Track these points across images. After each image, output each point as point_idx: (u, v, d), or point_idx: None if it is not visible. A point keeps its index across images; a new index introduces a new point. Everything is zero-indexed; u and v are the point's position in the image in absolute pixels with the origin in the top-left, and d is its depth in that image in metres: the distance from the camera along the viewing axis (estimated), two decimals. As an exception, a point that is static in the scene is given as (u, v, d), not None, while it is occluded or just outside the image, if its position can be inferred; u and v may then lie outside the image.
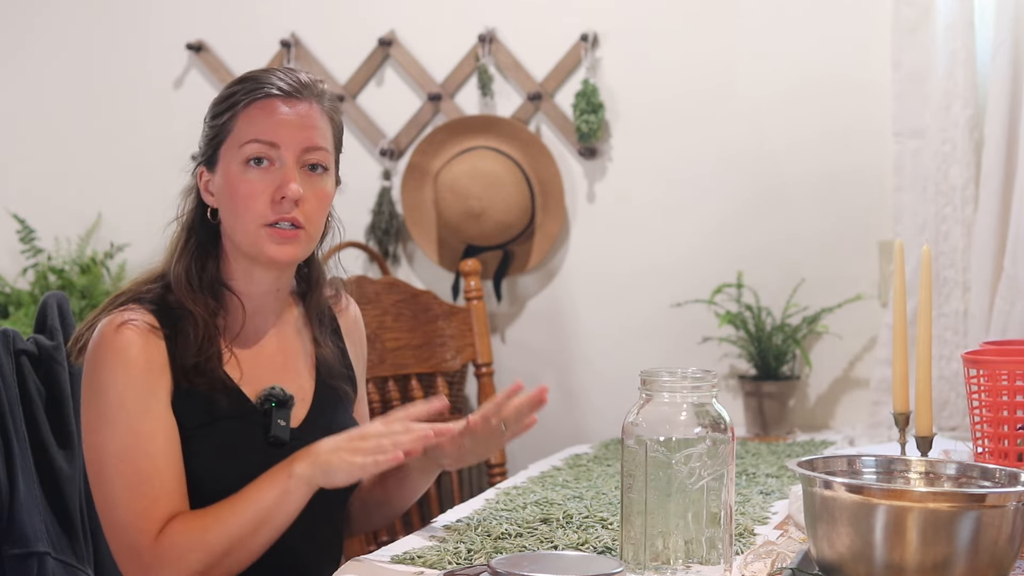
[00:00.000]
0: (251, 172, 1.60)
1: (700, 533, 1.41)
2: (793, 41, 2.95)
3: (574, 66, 3.09)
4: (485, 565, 1.44)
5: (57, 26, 3.46)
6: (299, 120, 1.62)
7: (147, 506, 1.53)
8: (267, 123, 1.60)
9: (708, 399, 1.44)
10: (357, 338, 1.87)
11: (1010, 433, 1.68)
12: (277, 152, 1.60)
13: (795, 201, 2.95)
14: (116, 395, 1.55)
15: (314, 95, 1.64)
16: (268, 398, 1.63)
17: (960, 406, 2.67)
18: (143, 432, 1.54)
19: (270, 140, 1.60)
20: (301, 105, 1.62)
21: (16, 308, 3.23)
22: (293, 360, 1.71)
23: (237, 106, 1.62)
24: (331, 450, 1.54)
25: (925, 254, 1.76)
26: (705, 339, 2.98)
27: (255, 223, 1.60)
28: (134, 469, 1.53)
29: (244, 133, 1.61)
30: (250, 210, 1.60)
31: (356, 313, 1.89)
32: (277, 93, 1.61)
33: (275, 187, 1.60)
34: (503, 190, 3.02)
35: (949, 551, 1.26)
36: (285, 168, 1.60)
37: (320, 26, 3.27)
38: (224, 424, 1.60)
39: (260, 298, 1.68)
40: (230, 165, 1.61)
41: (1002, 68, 2.66)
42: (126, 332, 1.56)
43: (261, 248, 1.61)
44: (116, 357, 1.56)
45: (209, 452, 1.59)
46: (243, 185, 1.60)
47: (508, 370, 3.15)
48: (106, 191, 3.39)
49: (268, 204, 1.59)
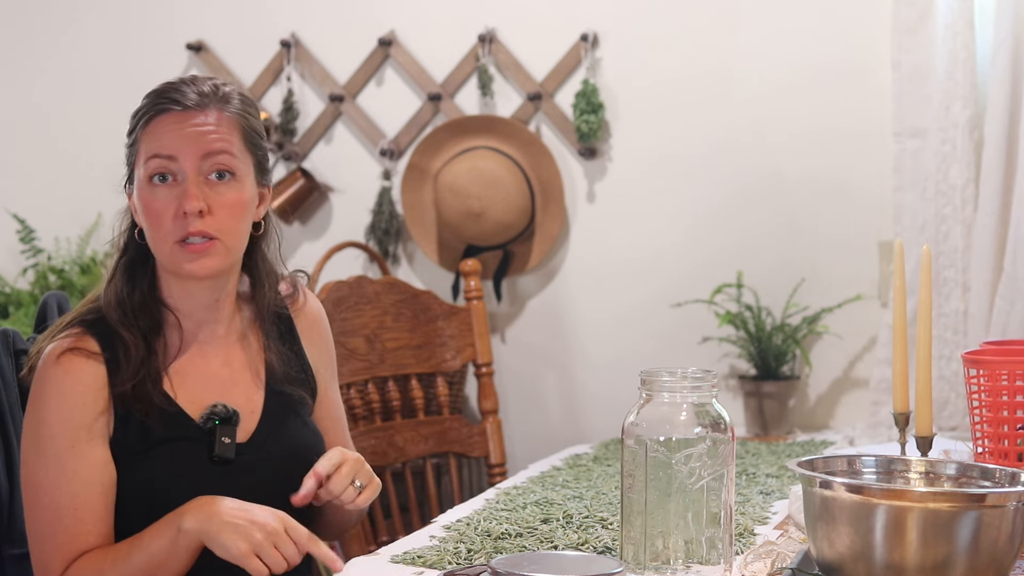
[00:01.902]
0: (156, 189, 1.58)
1: (700, 533, 1.41)
2: (793, 42, 2.95)
3: (574, 66, 3.09)
4: (485, 565, 1.44)
5: (57, 26, 3.46)
6: (196, 130, 1.58)
7: (59, 545, 1.53)
8: (165, 137, 1.57)
9: (708, 399, 1.44)
10: (318, 336, 1.79)
11: (1010, 433, 1.68)
12: (177, 165, 1.57)
13: (795, 201, 2.95)
14: (47, 427, 1.55)
15: (216, 101, 1.60)
16: (211, 416, 1.59)
17: (960, 406, 2.67)
18: (67, 468, 1.53)
19: (168, 154, 1.57)
20: (200, 115, 1.58)
21: (16, 308, 3.23)
22: (240, 372, 1.67)
23: (139, 123, 1.60)
24: (225, 521, 1.47)
25: (925, 254, 1.76)
26: (705, 339, 2.98)
27: (168, 241, 1.57)
28: (54, 506, 1.53)
29: (146, 150, 1.59)
30: (161, 228, 1.57)
31: (316, 310, 1.81)
32: (175, 107, 1.58)
33: (178, 203, 1.56)
34: (503, 190, 3.02)
35: (949, 551, 1.27)
36: (186, 181, 1.57)
37: (320, 26, 3.27)
38: (168, 447, 1.58)
39: (200, 312, 1.65)
40: (139, 183, 1.60)
41: (1002, 68, 2.66)
42: (64, 362, 1.55)
43: (179, 265, 1.58)
44: (52, 388, 1.55)
45: (154, 475, 1.57)
46: (151, 203, 1.58)
47: (508, 370, 3.15)
48: (106, 191, 3.35)
49: (174, 220, 1.56)
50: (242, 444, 1.61)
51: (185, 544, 1.48)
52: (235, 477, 1.58)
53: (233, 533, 1.46)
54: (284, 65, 3.27)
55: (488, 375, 2.89)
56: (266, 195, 1.68)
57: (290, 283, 1.77)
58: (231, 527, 1.46)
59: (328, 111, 3.26)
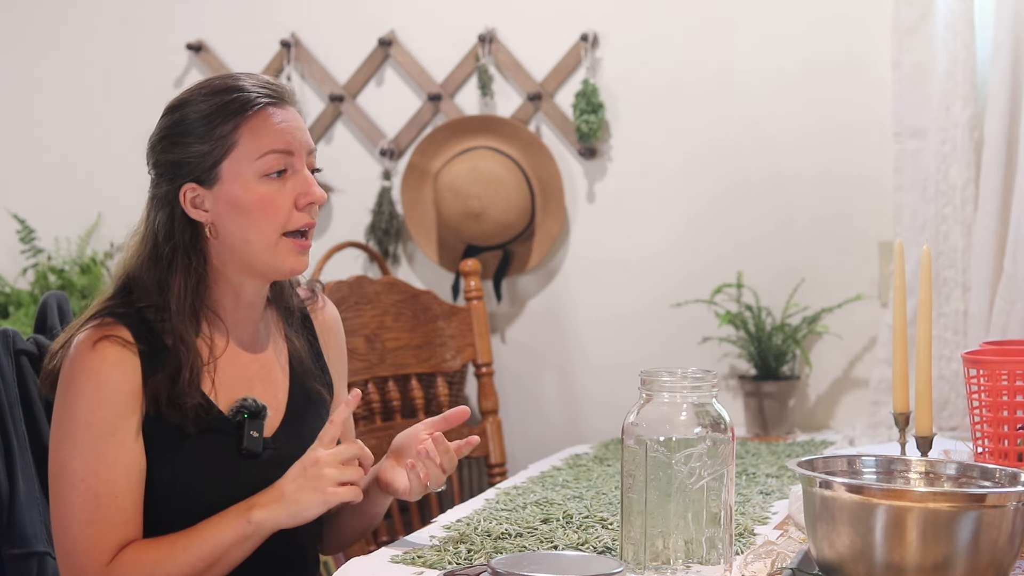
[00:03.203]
0: (270, 183, 1.60)
1: (700, 533, 1.41)
2: (793, 42, 2.95)
3: (574, 66, 3.09)
4: (485, 565, 1.44)
5: (57, 26, 3.46)
6: (297, 124, 1.63)
7: (100, 532, 1.53)
8: (276, 133, 1.60)
9: (708, 399, 1.44)
10: (334, 340, 1.83)
11: (1010, 433, 1.68)
12: (291, 160, 1.61)
13: (795, 201, 2.95)
14: (84, 415, 1.54)
15: (292, 98, 1.65)
16: (240, 410, 1.61)
17: (960, 406, 2.67)
18: (106, 456, 1.54)
19: (286, 149, 1.60)
20: (290, 109, 1.63)
21: (16, 308, 3.23)
22: (267, 368, 1.70)
23: (235, 118, 1.59)
24: (295, 491, 1.53)
25: (925, 254, 1.76)
26: (705, 339, 2.98)
27: (276, 233, 1.60)
28: (92, 493, 1.53)
29: (254, 146, 1.59)
30: (273, 220, 1.60)
31: (333, 315, 1.85)
32: (268, 101, 1.61)
33: (296, 193, 1.60)
34: (503, 190, 3.02)
35: (949, 551, 1.27)
36: (300, 174, 1.61)
37: (320, 26, 3.27)
38: (198, 439, 1.59)
39: (241, 311, 1.67)
40: (242, 179, 1.59)
41: (1002, 68, 2.66)
42: (100, 350, 1.55)
43: (283, 259, 1.61)
44: (89, 376, 1.55)
45: (184, 467, 1.58)
46: (263, 197, 1.59)
47: (508, 370, 3.15)
48: (106, 191, 3.39)
49: (290, 211, 1.60)
50: (268, 438, 1.64)
51: (254, 534, 1.53)
52: (261, 470, 1.60)
53: (306, 495, 1.52)
54: (284, 65, 3.27)
55: (488, 375, 2.89)
56: None
57: (308, 288, 1.81)
58: (301, 495, 1.52)
59: (328, 111, 3.26)
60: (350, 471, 1.54)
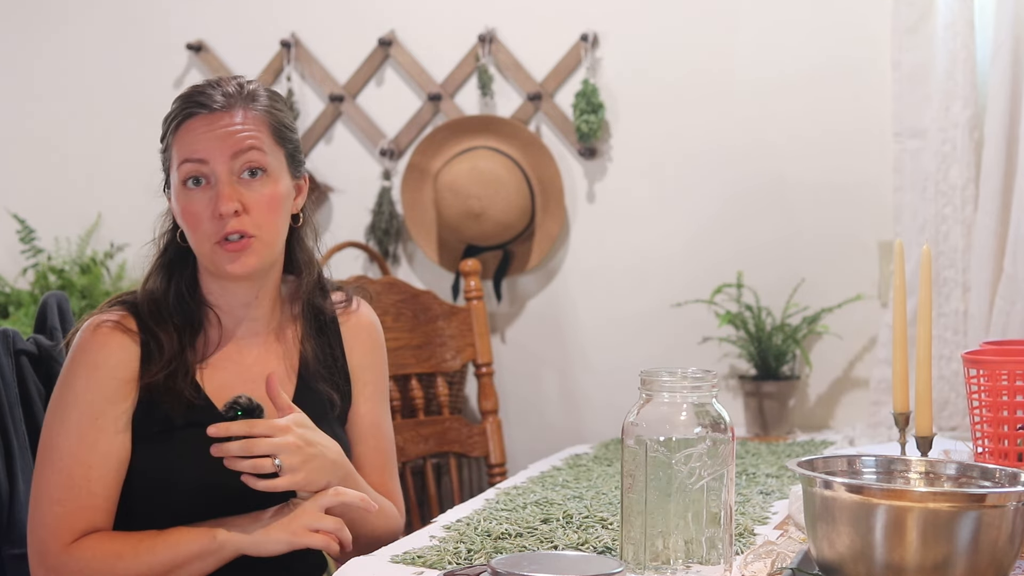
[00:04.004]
0: (192, 193, 1.61)
1: (700, 533, 1.41)
2: (793, 41, 2.95)
3: (574, 66, 3.09)
4: (485, 565, 1.44)
5: (57, 26, 3.46)
6: (224, 131, 1.61)
7: (67, 513, 1.55)
8: (194, 141, 1.60)
9: (708, 399, 1.44)
10: (364, 344, 1.82)
11: (1010, 433, 1.68)
12: (209, 168, 1.60)
13: (795, 201, 2.95)
14: (75, 394, 1.58)
15: (241, 100, 1.63)
16: (232, 406, 1.59)
17: (960, 406, 2.67)
18: (86, 439, 1.56)
19: (199, 157, 1.60)
20: (227, 115, 1.61)
21: (16, 308, 3.23)
22: (274, 367, 1.70)
23: (170, 128, 1.64)
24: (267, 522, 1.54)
25: (925, 254, 1.76)
26: (705, 339, 2.98)
27: (207, 242, 1.61)
28: (67, 473, 1.55)
29: (178, 155, 1.62)
30: (198, 230, 1.61)
31: (366, 319, 1.84)
32: (201, 110, 1.61)
33: (213, 204, 1.60)
34: (503, 190, 3.02)
35: (949, 551, 1.26)
36: (219, 183, 1.60)
37: (320, 26, 3.27)
38: (186, 433, 1.60)
39: (239, 309, 1.68)
40: (175, 188, 1.63)
41: (1002, 68, 2.66)
42: (101, 334, 1.59)
43: (219, 265, 1.61)
44: (86, 358, 1.58)
45: (169, 460, 1.59)
46: (187, 206, 1.61)
47: (508, 370, 3.15)
48: (106, 191, 3.39)
49: (211, 221, 1.60)
50: None
51: (215, 553, 1.54)
52: None
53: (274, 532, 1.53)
54: (284, 65, 3.27)
55: (488, 375, 2.89)
56: (302, 186, 1.73)
57: (345, 294, 1.81)
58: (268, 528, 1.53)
59: (328, 111, 3.26)
60: (327, 521, 1.55)
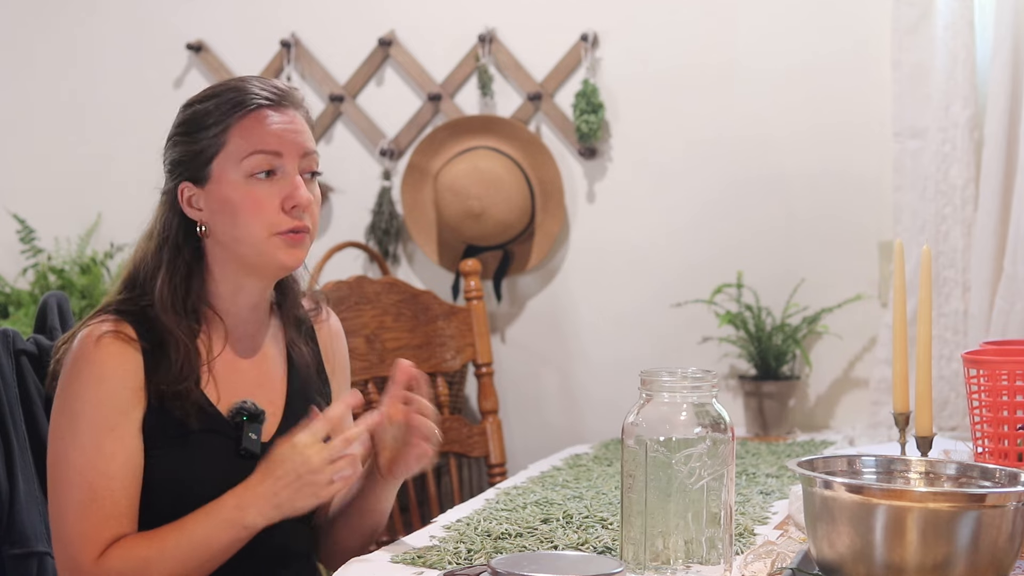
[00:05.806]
0: (258, 183, 1.60)
1: (700, 533, 1.41)
2: (793, 41, 2.95)
3: (574, 66, 3.09)
4: (485, 565, 1.44)
5: (57, 26, 3.46)
6: (293, 127, 1.63)
7: (94, 525, 1.54)
8: (265, 134, 1.60)
9: (708, 399, 1.44)
10: (337, 352, 1.85)
11: (1010, 433, 1.68)
12: (280, 161, 1.61)
13: (795, 201, 2.95)
14: (85, 409, 1.56)
15: (295, 101, 1.65)
16: (239, 411, 1.62)
17: (960, 406, 2.67)
18: (104, 451, 1.55)
19: (274, 150, 1.61)
20: (288, 112, 1.63)
21: (16, 308, 3.23)
22: (267, 373, 1.71)
23: (227, 119, 1.61)
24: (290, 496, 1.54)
25: (925, 254, 1.77)
26: (705, 339, 2.98)
27: (264, 231, 1.60)
28: (88, 486, 1.54)
29: (243, 146, 1.60)
30: (260, 220, 1.60)
31: (336, 327, 1.86)
32: (266, 103, 1.62)
33: (283, 196, 1.60)
34: (503, 190, 3.02)
35: (949, 551, 1.27)
36: (289, 176, 1.61)
37: (320, 26, 3.27)
38: (196, 437, 1.60)
39: (243, 312, 1.68)
40: (229, 178, 1.61)
41: (1002, 68, 2.66)
42: (104, 345, 1.57)
43: (273, 255, 1.61)
44: (92, 371, 1.57)
45: (182, 465, 1.59)
46: (249, 197, 1.60)
47: (508, 370, 3.15)
48: (106, 191, 3.39)
49: (277, 213, 1.60)
50: (265, 443, 1.63)
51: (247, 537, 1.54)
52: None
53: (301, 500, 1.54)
54: (284, 65, 3.27)
55: (488, 375, 2.89)
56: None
57: (312, 299, 1.82)
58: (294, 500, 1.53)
59: (328, 111, 3.26)
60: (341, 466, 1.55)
